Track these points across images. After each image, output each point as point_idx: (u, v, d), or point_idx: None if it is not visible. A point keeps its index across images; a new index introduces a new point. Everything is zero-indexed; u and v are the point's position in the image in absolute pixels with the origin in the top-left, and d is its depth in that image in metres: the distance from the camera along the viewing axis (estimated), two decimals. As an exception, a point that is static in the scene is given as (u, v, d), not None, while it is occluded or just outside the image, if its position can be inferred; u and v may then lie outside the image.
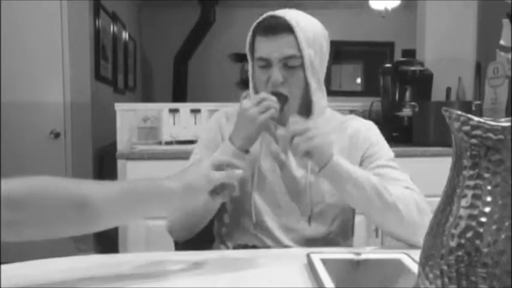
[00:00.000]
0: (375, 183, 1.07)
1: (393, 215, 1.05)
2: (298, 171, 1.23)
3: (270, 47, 1.16)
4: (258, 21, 1.19)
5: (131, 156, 2.33)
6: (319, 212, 1.21)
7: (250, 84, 1.25)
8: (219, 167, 0.91)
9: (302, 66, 1.16)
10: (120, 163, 2.31)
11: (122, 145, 2.78)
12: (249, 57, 1.25)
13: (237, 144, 1.13)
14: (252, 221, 1.21)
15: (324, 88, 1.24)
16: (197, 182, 0.88)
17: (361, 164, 1.23)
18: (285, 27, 1.14)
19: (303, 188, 1.21)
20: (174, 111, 2.61)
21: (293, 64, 1.16)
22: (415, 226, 1.04)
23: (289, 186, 1.23)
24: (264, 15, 1.19)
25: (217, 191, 0.92)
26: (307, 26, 1.16)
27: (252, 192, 1.22)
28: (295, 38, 1.14)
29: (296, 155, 1.07)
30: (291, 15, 1.16)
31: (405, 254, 0.95)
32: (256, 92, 1.23)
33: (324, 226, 1.22)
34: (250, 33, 1.21)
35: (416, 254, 0.66)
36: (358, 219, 1.40)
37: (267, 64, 1.17)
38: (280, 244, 1.20)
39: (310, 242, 1.20)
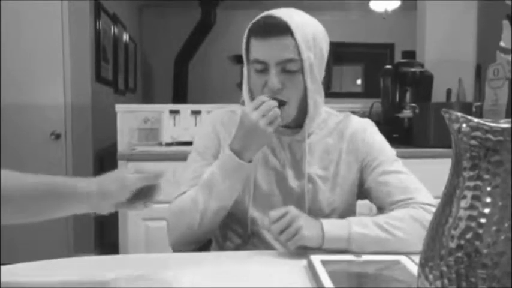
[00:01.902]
0: (374, 235, 1.02)
1: (403, 246, 1.02)
2: (294, 182, 1.18)
3: (267, 50, 1.08)
4: (253, 21, 1.12)
5: (132, 158, 2.33)
6: None
7: (245, 89, 1.19)
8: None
9: (301, 70, 1.10)
10: (120, 164, 2.32)
11: (122, 146, 2.78)
12: (244, 60, 1.17)
13: (245, 156, 1.08)
14: (247, 231, 1.19)
15: (322, 90, 1.18)
16: (112, 187, 0.87)
17: (362, 172, 1.20)
18: (282, 28, 1.07)
19: (300, 198, 1.17)
20: (174, 112, 2.62)
21: (291, 68, 1.09)
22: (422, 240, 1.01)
23: (286, 197, 1.18)
24: (260, 15, 1.12)
25: (138, 199, 0.89)
26: (307, 27, 1.09)
27: (249, 203, 1.18)
28: (294, 40, 1.07)
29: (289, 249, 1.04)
30: (288, 15, 1.09)
31: (405, 255, 0.95)
32: (252, 96, 1.17)
33: None
34: (245, 35, 1.14)
35: (416, 256, 0.66)
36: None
37: (263, 68, 1.10)
38: None
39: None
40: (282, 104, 1.10)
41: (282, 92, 1.10)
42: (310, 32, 1.09)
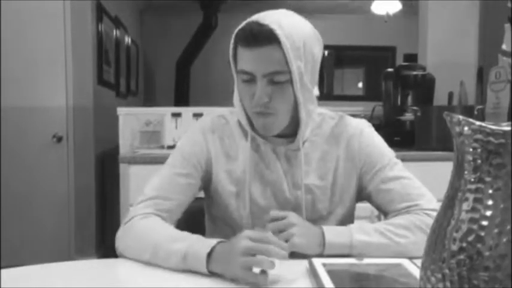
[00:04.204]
0: (376, 242, 1.01)
1: (405, 253, 1.01)
2: (292, 193, 1.15)
3: (253, 61, 1.02)
4: (239, 27, 1.05)
5: (133, 160, 2.33)
6: None
7: (235, 94, 1.14)
8: None
9: (290, 80, 1.04)
10: (122, 167, 2.32)
11: (124, 149, 2.78)
12: (232, 67, 1.11)
13: (213, 267, 0.91)
14: None
15: (314, 98, 1.12)
16: None
17: (361, 178, 1.17)
18: (269, 37, 1.00)
19: (298, 209, 1.14)
20: (176, 115, 2.62)
21: (279, 79, 1.03)
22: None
23: (283, 209, 1.13)
24: (246, 21, 1.05)
25: None
26: (296, 33, 1.02)
27: (247, 219, 1.15)
28: (282, 49, 1.00)
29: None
30: (276, 21, 1.01)
31: (407, 258, 0.95)
32: (243, 104, 1.13)
33: None
34: (232, 41, 1.07)
35: (418, 259, 0.66)
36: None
37: (250, 78, 1.05)
38: None
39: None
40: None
41: (270, 104, 1.05)
42: (300, 38, 1.03)
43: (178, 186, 1.14)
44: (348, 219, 1.19)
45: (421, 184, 1.15)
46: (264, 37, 1.00)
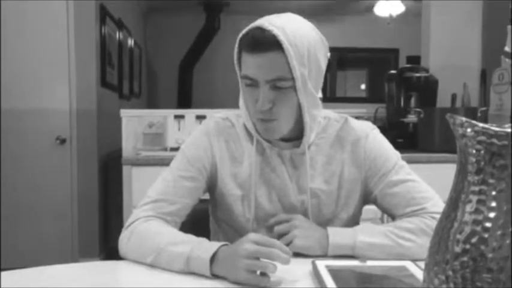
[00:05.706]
0: (380, 244, 1.02)
1: (409, 256, 1.01)
2: (297, 197, 1.14)
3: (256, 67, 1.01)
4: (243, 32, 1.04)
5: (136, 162, 2.34)
6: None
7: (241, 98, 1.13)
8: None
9: (293, 86, 1.03)
10: (125, 169, 2.32)
11: (127, 151, 2.79)
12: (237, 71, 1.10)
13: (216, 269, 0.92)
14: None
15: (319, 102, 1.11)
16: None
17: (367, 182, 1.16)
18: (272, 44, 0.99)
19: (304, 213, 1.13)
20: (179, 117, 2.63)
21: (283, 85, 1.02)
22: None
23: (289, 213, 1.13)
24: (250, 26, 1.04)
25: None
26: (300, 39, 1.01)
27: (252, 223, 1.15)
28: (285, 55, 0.99)
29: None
30: (281, 26, 1.00)
31: (410, 261, 0.95)
32: (247, 108, 1.12)
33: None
34: (236, 46, 1.07)
35: (422, 262, 0.66)
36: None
37: (253, 84, 1.04)
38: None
39: None
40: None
41: (273, 109, 1.04)
42: (304, 44, 1.01)
43: (183, 189, 1.13)
44: (353, 222, 1.19)
45: (427, 187, 1.14)
46: (267, 43, 0.99)
